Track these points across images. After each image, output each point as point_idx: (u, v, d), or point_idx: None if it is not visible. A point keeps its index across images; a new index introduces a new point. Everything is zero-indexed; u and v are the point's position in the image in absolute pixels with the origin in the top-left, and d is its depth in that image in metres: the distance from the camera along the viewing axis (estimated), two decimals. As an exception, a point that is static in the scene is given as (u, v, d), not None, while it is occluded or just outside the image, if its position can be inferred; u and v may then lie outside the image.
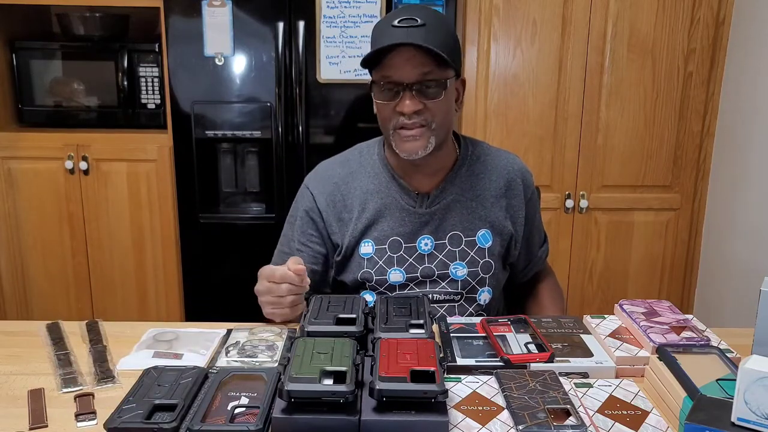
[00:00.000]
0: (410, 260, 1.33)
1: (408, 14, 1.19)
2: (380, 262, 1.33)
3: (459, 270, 1.34)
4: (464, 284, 1.34)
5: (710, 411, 0.80)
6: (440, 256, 1.33)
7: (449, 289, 1.34)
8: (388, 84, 1.22)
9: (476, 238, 1.34)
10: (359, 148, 1.41)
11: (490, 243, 1.34)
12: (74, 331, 1.21)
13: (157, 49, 2.49)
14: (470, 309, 1.36)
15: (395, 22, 1.19)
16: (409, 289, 1.34)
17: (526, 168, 1.42)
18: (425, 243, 1.33)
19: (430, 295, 1.33)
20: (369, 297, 1.35)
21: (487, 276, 1.35)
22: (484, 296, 1.36)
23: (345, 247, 1.35)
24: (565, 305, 1.51)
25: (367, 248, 1.33)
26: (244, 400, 0.91)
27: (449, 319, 1.23)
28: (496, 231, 1.35)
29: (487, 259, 1.35)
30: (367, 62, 1.23)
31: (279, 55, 2.31)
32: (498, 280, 1.39)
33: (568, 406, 0.90)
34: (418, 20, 1.18)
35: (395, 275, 1.33)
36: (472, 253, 1.34)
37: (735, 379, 0.78)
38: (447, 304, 1.35)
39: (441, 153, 1.31)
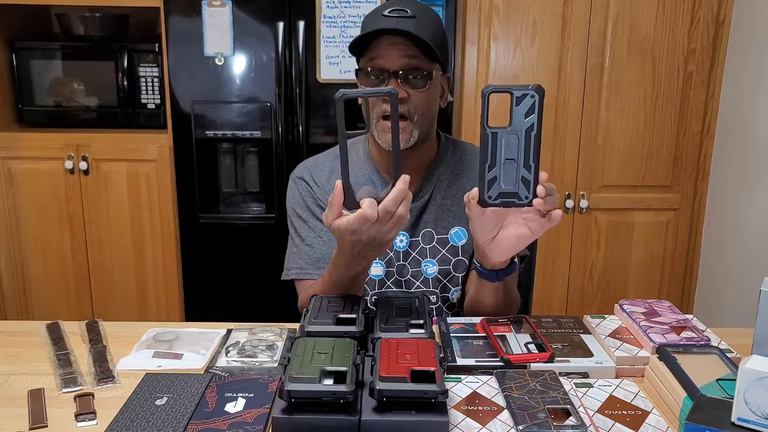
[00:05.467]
0: (390, 254, 1.33)
1: (399, 5, 1.21)
2: None
3: (429, 267, 1.33)
4: (435, 282, 1.34)
5: (710, 411, 0.80)
6: (413, 254, 1.33)
7: (423, 288, 1.34)
8: (374, 70, 1.23)
9: (449, 235, 1.33)
10: None
11: (464, 241, 1.33)
12: (74, 331, 1.21)
13: (157, 49, 2.49)
14: (444, 308, 1.36)
15: (385, 12, 1.21)
16: (386, 287, 1.34)
17: None
18: (400, 239, 1.33)
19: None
20: None
21: (460, 275, 1.34)
22: (457, 295, 1.36)
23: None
24: (511, 308, 1.30)
25: None
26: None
27: (449, 319, 1.23)
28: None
29: (460, 257, 1.34)
30: (355, 48, 1.24)
31: (279, 55, 2.31)
32: None
33: (568, 406, 0.90)
34: (409, 11, 1.20)
35: (376, 268, 1.33)
36: (444, 251, 1.33)
37: (735, 379, 0.78)
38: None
39: (423, 148, 1.31)
